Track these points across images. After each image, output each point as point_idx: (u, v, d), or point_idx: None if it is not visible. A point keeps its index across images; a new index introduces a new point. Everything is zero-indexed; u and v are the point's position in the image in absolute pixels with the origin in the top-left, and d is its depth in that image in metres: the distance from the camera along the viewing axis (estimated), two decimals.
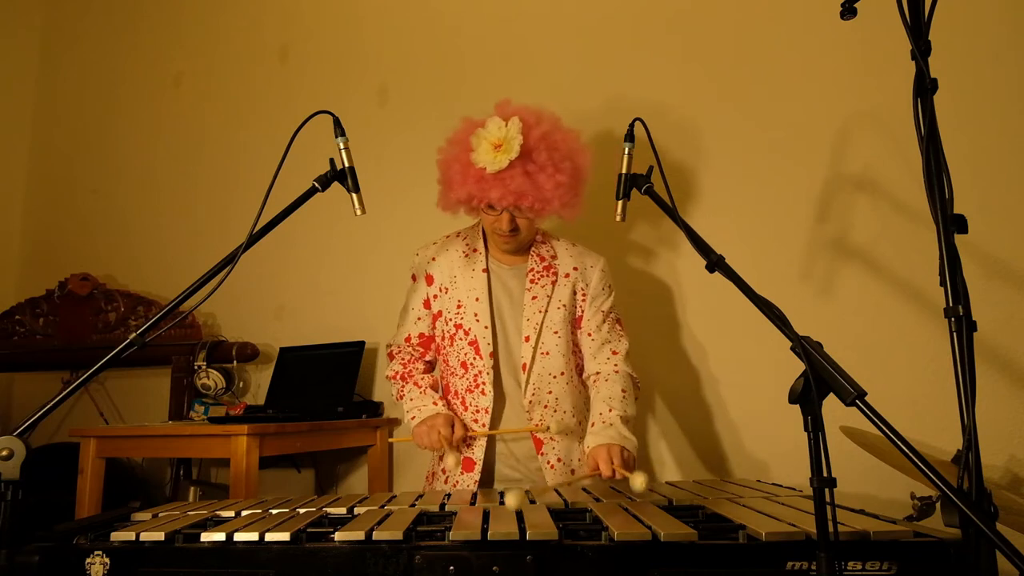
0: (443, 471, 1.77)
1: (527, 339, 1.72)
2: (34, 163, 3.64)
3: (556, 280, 1.78)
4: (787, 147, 2.16)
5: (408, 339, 1.86)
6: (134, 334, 1.20)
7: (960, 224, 0.94)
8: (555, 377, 1.74)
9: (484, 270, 1.78)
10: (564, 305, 1.76)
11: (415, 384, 1.80)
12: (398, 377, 1.84)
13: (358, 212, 1.42)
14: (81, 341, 3.06)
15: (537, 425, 1.70)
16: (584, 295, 1.80)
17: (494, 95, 2.55)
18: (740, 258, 1.35)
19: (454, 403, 1.77)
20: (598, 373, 1.77)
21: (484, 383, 1.72)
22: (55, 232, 3.49)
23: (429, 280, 1.82)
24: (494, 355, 1.73)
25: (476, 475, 1.70)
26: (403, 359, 1.86)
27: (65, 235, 3.45)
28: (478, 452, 1.72)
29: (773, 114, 2.19)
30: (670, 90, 2.32)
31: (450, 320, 1.77)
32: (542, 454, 1.72)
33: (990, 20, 1.94)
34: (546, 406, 1.73)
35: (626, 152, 1.45)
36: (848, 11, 1.15)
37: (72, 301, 3.11)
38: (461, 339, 1.75)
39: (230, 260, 1.30)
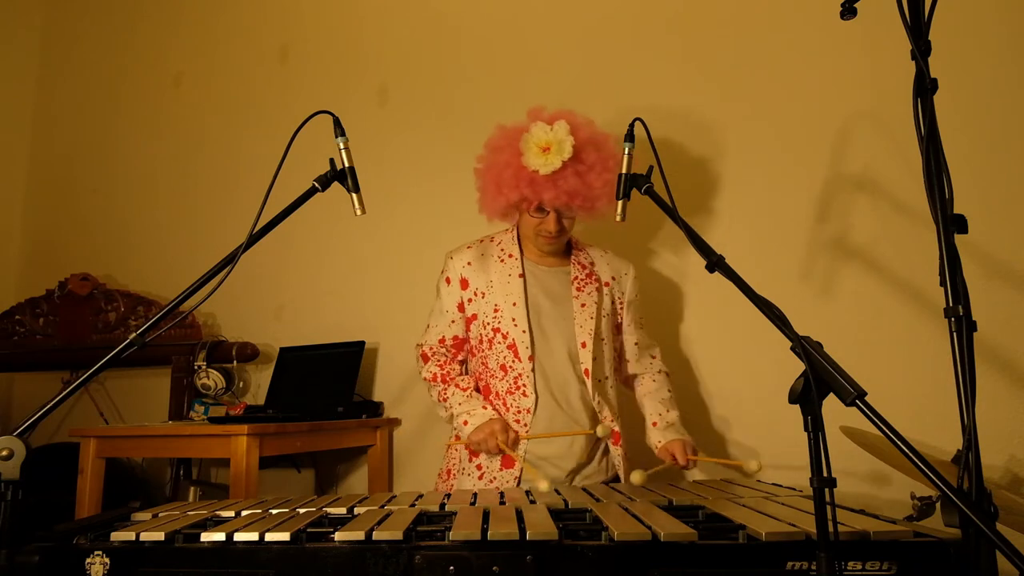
0: (478, 467, 1.78)
1: (584, 345, 1.79)
2: (34, 163, 3.64)
3: (599, 287, 1.86)
4: (787, 147, 2.16)
5: (442, 341, 1.89)
6: (134, 334, 1.20)
7: (960, 224, 0.94)
8: (600, 382, 1.82)
9: (520, 275, 1.82)
10: (608, 314, 1.86)
11: (457, 387, 1.84)
12: (438, 380, 1.87)
13: (358, 212, 1.42)
14: (81, 341, 3.06)
15: (585, 429, 1.76)
16: (621, 303, 1.90)
17: (494, 95, 2.58)
18: (740, 258, 1.35)
19: (496, 404, 1.80)
20: (642, 375, 1.94)
21: (525, 385, 1.76)
22: (55, 232, 3.49)
23: (464, 284, 1.85)
24: (533, 358, 1.77)
25: (516, 472, 1.75)
26: (439, 361, 1.89)
27: (65, 235, 3.45)
28: (520, 452, 1.75)
29: (773, 114, 2.19)
30: (670, 90, 2.32)
31: (488, 324, 1.81)
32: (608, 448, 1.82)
33: (990, 20, 1.94)
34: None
35: (626, 152, 1.45)
36: (848, 11, 1.15)
37: (72, 301, 3.11)
38: (500, 343, 1.79)
39: (230, 260, 1.30)
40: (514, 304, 1.79)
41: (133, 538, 1.10)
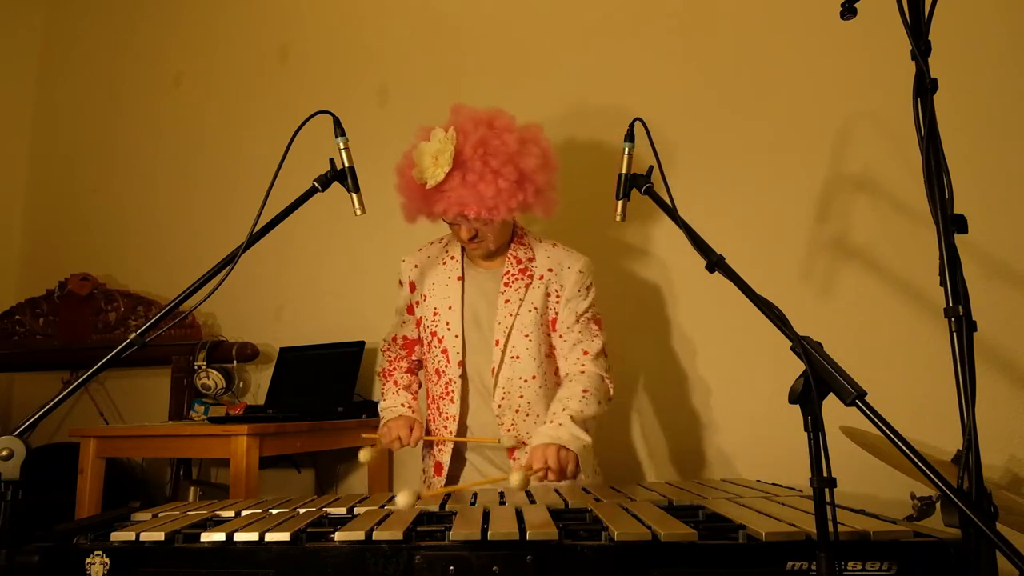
0: (423, 471, 1.85)
1: (497, 343, 1.70)
2: (34, 163, 3.64)
3: (530, 283, 1.74)
4: (787, 147, 2.16)
5: (394, 339, 1.92)
6: (134, 334, 1.20)
7: (960, 224, 0.94)
8: (525, 381, 1.71)
9: (459, 278, 1.78)
10: (536, 308, 1.72)
11: (394, 383, 1.86)
12: (383, 374, 1.91)
13: (358, 212, 1.42)
14: (81, 341, 3.06)
15: (490, 438, 1.70)
16: (558, 297, 1.74)
17: (494, 95, 2.57)
18: (740, 258, 1.34)
19: (431, 408, 1.80)
20: (567, 374, 1.72)
21: (453, 391, 1.73)
22: (55, 232, 3.49)
23: (412, 287, 1.85)
24: (462, 364, 1.73)
25: (443, 480, 1.74)
26: (389, 357, 1.92)
27: (65, 235, 3.45)
28: (445, 456, 1.75)
29: (773, 114, 2.19)
30: (670, 90, 2.32)
31: (427, 328, 1.80)
32: (514, 459, 1.70)
33: (990, 20, 1.94)
34: (517, 410, 1.71)
35: (626, 152, 1.45)
36: (848, 11, 1.15)
37: (72, 301, 3.11)
38: (436, 346, 1.77)
39: (230, 260, 1.30)
40: (450, 308, 1.76)
41: (133, 538, 1.10)
